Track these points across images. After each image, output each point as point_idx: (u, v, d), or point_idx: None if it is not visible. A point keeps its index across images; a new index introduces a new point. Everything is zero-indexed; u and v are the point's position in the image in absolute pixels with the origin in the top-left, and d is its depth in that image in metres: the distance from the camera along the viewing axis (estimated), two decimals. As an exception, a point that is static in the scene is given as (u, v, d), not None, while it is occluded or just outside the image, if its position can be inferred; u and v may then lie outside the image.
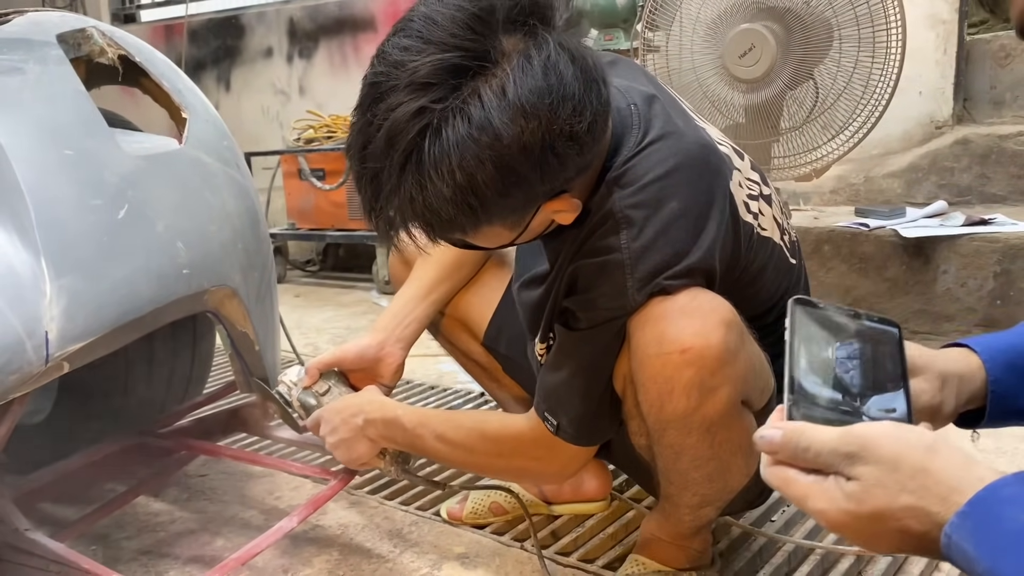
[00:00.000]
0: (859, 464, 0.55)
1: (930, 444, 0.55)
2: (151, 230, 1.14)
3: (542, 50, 0.84)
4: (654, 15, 2.16)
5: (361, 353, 1.29)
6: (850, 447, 0.55)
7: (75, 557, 1.12)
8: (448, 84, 0.83)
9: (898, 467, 0.54)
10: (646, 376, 0.96)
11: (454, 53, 0.83)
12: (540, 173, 0.87)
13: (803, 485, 0.57)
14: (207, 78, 4.68)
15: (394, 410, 1.19)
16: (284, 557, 1.36)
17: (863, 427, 0.57)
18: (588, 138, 0.88)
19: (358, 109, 0.88)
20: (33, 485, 1.36)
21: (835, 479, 0.56)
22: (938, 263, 2.28)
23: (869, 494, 0.54)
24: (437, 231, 0.91)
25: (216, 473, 1.72)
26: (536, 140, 0.84)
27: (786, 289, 1.12)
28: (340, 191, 3.61)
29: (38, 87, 1.15)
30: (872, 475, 0.54)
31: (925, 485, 0.53)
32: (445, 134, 0.83)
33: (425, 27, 0.84)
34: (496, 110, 0.82)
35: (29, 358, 0.96)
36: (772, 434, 0.59)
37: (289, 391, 1.30)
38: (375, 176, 0.87)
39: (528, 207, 0.92)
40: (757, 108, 2.11)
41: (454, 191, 0.85)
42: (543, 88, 0.83)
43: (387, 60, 0.85)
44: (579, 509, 1.44)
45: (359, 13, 4.12)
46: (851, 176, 2.89)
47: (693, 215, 0.94)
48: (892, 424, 0.58)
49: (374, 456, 1.22)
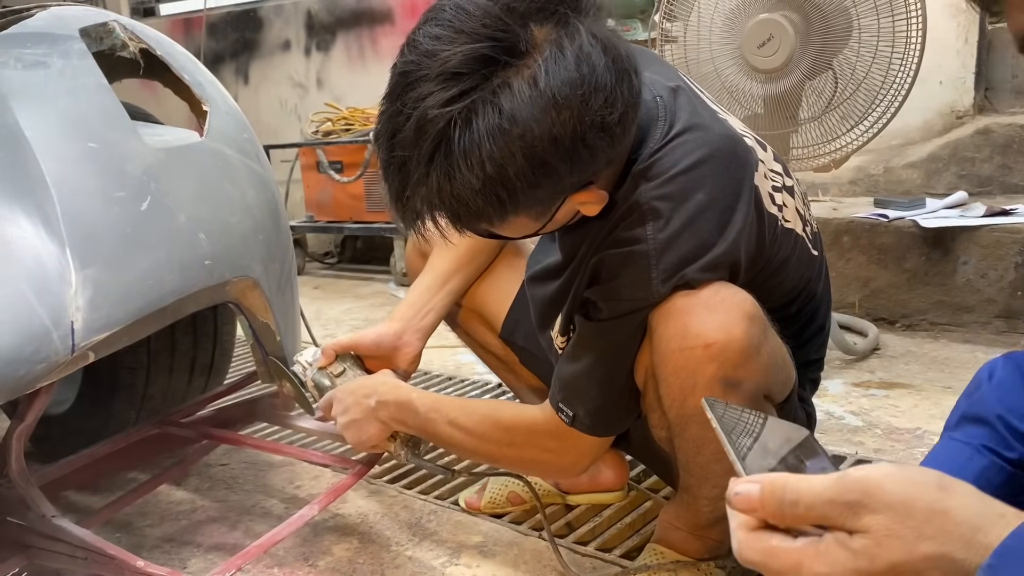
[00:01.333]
0: (865, 514, 0.47)
1: (940, 482, 0.48)
2: (173, 221, 1.15)
3: (574, 40, 0.84)
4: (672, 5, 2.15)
5: (378, 340, 1.29)
6: (851, 495, 0.47)
7: (100, 543, 1.14)
8: (479, 74, 0.82)
9: (911, 512, 0.46)
10: (668, 370, 0.96)
11: (485, 43, 0.82)
12: (570, 165, 0.86)
13: (794, 551, 0.48)
14: (226, 71, 4.71)
15: (408, 393, 1.18)
16: (304, 545, 1.38)
17: (860, 470, 0.49)
18: (619, 129, 0.88)
19: (387, 97, 0.88)
20: (59, 473, 1.38)
21: (834, 536, 0.48)
22: (958, 254, 2.26)
23: (883, 547, 0.46)
24: (464, 221, 0.91)
25: (237, 462, 1.74)
26: (567, 132, 0.84)
27: (808, 280, 1.12)
28: (358, 183, 3.62)
29: (61, 81, 1.17)
30: (883, 525, 0.46)
31: (945, 529, 0.46)
32: (475, 125, 0.82)
33: (456, 16, 0.83)
34: (527, 101, 0.82)
35: (55, 347, 0.98)
36: (748, 489, 0.50)
37: (304, 371, 1.29)
38: (403, 165, 0.87)
39: (556, 198, 0.92)
40: (776, 98, 2.10)
41: (483, 182, 0.84)
42: (575, 79, 0.82)
43: (418, 49, 0.85)
44: (596, 499, 1.45)
45: (377, 6, 4.13)
46: (870, 167, 2.87)
47: (720, 207, 0.94)
48: (890, 464, 0.52)
49: (384, 439, 1.22)
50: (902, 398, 1.88)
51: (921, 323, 2.37)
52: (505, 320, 1.39)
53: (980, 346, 2.20)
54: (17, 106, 1.10)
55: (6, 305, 0.95)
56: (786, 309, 1.09)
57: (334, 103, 4.01)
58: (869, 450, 1.61)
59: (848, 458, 1.57)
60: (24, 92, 1.13)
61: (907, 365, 2.11)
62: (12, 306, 0.95)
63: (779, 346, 1.02)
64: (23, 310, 0.96)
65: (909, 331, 2.37)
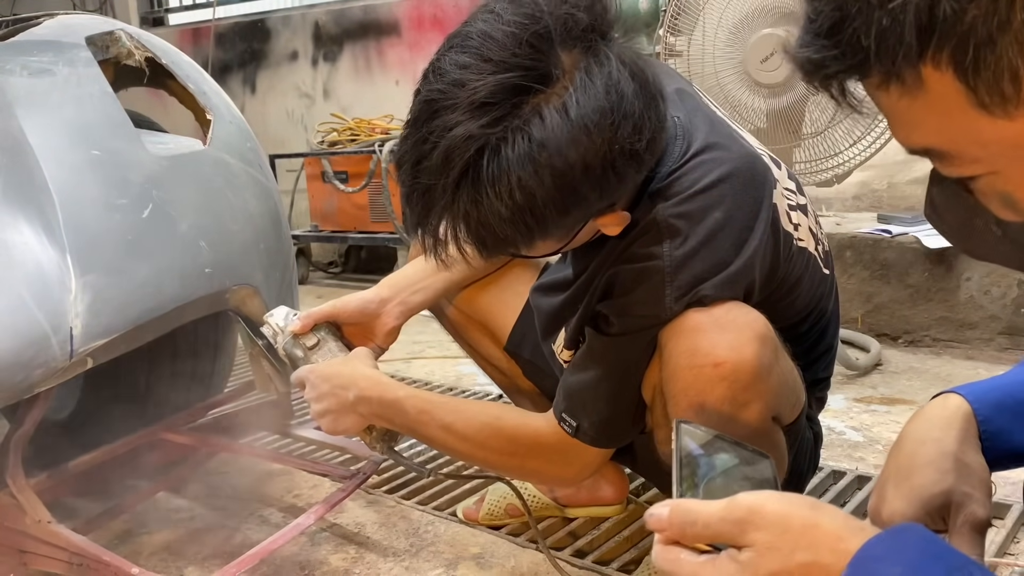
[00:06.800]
0: (750, 531, 0.55)
1: (813, 502, 0.56)
2: (175, 229, 1.16)
3: (603, 67, 0.83)
4: (676, 20, 2.16)
5: (362, 307, 1.23)
6: (737, 512, 0.55)
7: (97, 550, 1.14)
8: (508, 103, 0.82)
9: (788, 527, 0.54)
10: (677, 388, 0.95)
11: (515, 73, 0.81)
12: (599, 191, 0.86)
13: (694, 564, 0.57)
14: (233, 81, 4.73)
15: (394, 392, 1.13)
16: (302, 554, 1.38)
17: (746, 495, 0.57)
18: (647, 156, 0.87)
19: (412, 124, 0.87)
20: (57, 479, 1.38)
21: (727, 553, 0.56)
22: (961, 270, 2.26)
23: (764, 558, 0.54)
24: (490, 248, 0.89)
25: (236, 470, 1.74)
26: (597, 159, 0.83)
27: (819, 298, 1.11)
28: (363, 194, 3.63)
29: (67, 88, 1.18)
30: (764, 539, 0.54)
31: (816, 540, 0.53)
32: (504, 153, 0.82)
33: (483, 44, 0.82)
34: (557, 130, 0.81)
35: (54, 353, 0.98)
36: (660, 511, 0.58)
37: (274, 336, 1.20)
38: (427, 191, 0.86)
39: (581, 222, 0.92)
40: (779, 113, 2.10)
41: (512, 210, 0.84)
42: (605, 107, 0.82)
43: (444, 78, 0.83)
44: (595, 512, 1.45)
45: (384, 18, 4.15)
46: (874, 182, 2.87)
47: (737, 227, 0.94)
48: (772, 491, 0.58)
49: (360, 430, 1.17)
50: (904, 414, 1.88)
51: (924, 339, 2.36)
52: (511, 333, 1.38)
53: (983, 363, 2.19)
54: (22, 113, 1.11)
55: (6, 310, 0.96)
56: (797, 328, 1.09)
57: (340, 114, 4.03)
58: (870, 466, 1.61)
59: (848, 474, 1.56)
60: (29, 99, 1.14)
61: (909, 381, 2.10)
62: (12, 311, 0.96)
63: (790, 368, 1.01)
64: (23, 315, 0.97)
65: (912, 347, 2.37)
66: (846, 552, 0.52)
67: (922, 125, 0.51)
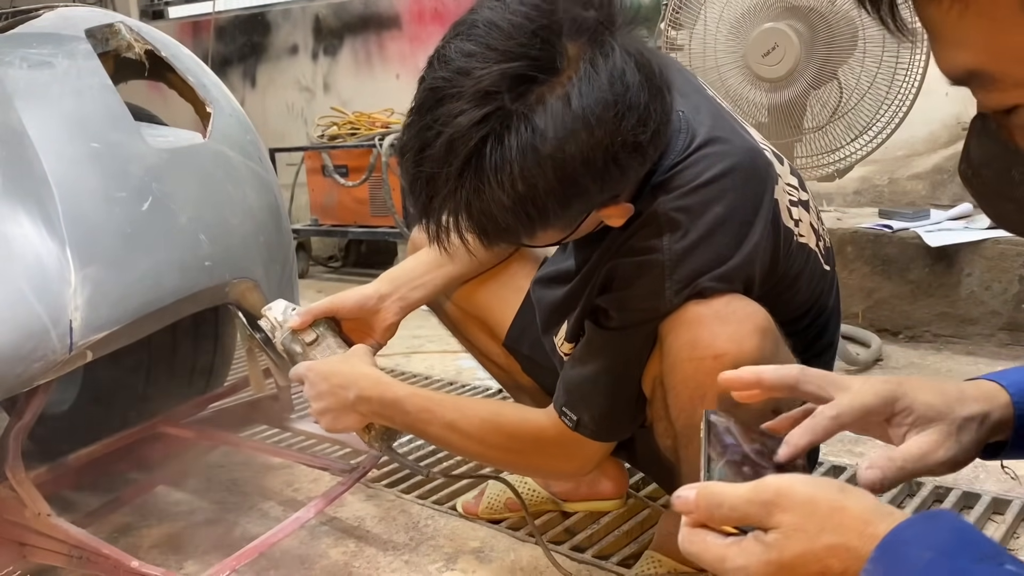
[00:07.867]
0: (777, 512, 0.55)
1: (841, 485, 0.56)
2: (174, 222, 1.16)
3: (608, 58, 0.83)
4: (678, 13, 2.15)
5: (361, 303, 1.22)
6: (764, 494, 0.56)
7: (96, 543, 1.14)
8: (512, 92, 0.81)
9: (815, 509, 0.55)
10: (677, 380, 0.95)
11: (520, 62, 0.81)
12: (601, 183, 0.86)
13: (721, 546, 0.57)
14: (233, 74, 4.72)
15: (394, 391, 1.13)
16: (301, 548, 1.38)
17: (773, 478, 0.58)
18: (651, 148, 0.87)
19: (415, 112, 0.86)
20: (56, 472, 1.38)
21: (753, 534, 0.56)
22: (962, 266, 2.26)
23: (790, 539, 0.54)
24: (491, 237, 0.89)
25: (235, 464, 1.74)
26: (599, 151, 0.83)
27: (819, 294, 1.11)
28: (363, 188, 3.62)
29: (66, 81, 1.17)
30: (791, 521, 0.54)
31: (843, 522, 0.54)
32: (507, 142, 0.82)
33: (489, 33, 0.82)
34: (560, 120, 0.81)
35: (53, 346, 0.98)
36: (687, 494, 0.59)
37: (273, 330, 1.19)
38: (431, 179, 0.86)
39: (583, 213, 0.92)
40: (780, 107, 2.10)
41: (514, 200, 0.84)
42: (609, 99, 0.82)
43: (449, 65, 0.83)
44: (595, 507, 1.45)
45: (384, 11, 4.14)
46: (875, 177, 2.87)
47: (738, 221, 0.94)
48: (800, 474, 0.59)
49: (359, 428, 1.17)
50: (904, 409, 1.87)
51: (924, 335, 2.36)
52: (510, 329, 1.38)
53: (984, 359, 2.19)
54: (21, 105, 1.11)
55: (5, 303, 0.96)
56: (797, 323, 1.09)
57: (340, 107, 4.02)
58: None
59: (848, 469, 1.56)
60: (29, 92, 1.13)
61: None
62: (11, 304, 0.96)
63: (790, 360, 1.01)
64: (22, 308, 0.96)
65: (912, 343, 2.36)
66: (873, 536, 0.52)
67: (969, 42, 0.49)
